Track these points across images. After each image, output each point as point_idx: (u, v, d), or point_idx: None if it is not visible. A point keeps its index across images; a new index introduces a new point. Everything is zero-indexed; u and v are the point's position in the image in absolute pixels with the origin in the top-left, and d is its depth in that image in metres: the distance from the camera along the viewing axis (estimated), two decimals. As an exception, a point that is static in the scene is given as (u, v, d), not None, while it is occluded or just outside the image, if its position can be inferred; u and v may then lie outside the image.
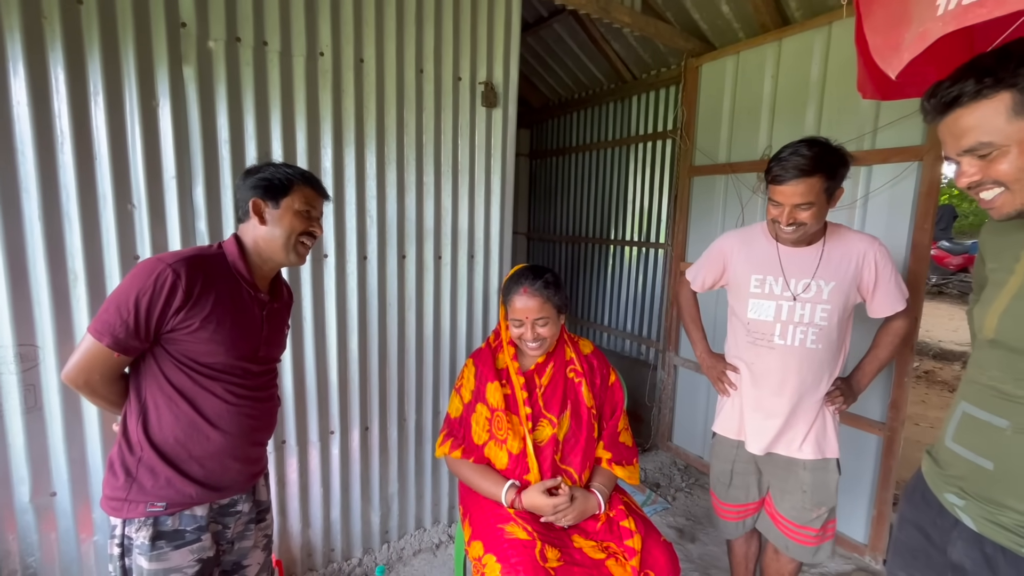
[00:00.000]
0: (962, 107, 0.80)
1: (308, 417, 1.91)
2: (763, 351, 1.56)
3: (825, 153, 1.35)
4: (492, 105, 2.14)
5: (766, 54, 2.56)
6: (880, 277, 1.47)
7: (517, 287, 1.46)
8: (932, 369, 5.37)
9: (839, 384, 1.55)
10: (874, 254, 1.46)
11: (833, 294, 1.47)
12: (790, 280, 1.51)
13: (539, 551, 1.27)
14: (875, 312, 1.53)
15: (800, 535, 1.57)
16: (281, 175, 1.16)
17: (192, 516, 1.13)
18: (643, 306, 3.63)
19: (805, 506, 1.54)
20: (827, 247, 1.49)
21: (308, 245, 1.21)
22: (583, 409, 1.50)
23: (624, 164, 3.73)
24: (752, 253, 1.59)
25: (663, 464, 3.10)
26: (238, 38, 1.63)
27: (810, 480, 1.54)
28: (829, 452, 1.54)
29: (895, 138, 2.09)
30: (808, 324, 1.49)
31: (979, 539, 0.91)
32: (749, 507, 1.68)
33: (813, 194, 1.36)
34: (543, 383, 1.51)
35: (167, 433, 1.11)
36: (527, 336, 1.46)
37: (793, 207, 1.39)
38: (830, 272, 1.47)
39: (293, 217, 1.16)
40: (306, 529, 1.96)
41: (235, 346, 1.14)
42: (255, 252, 1.18)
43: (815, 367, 1.51)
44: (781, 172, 1.37)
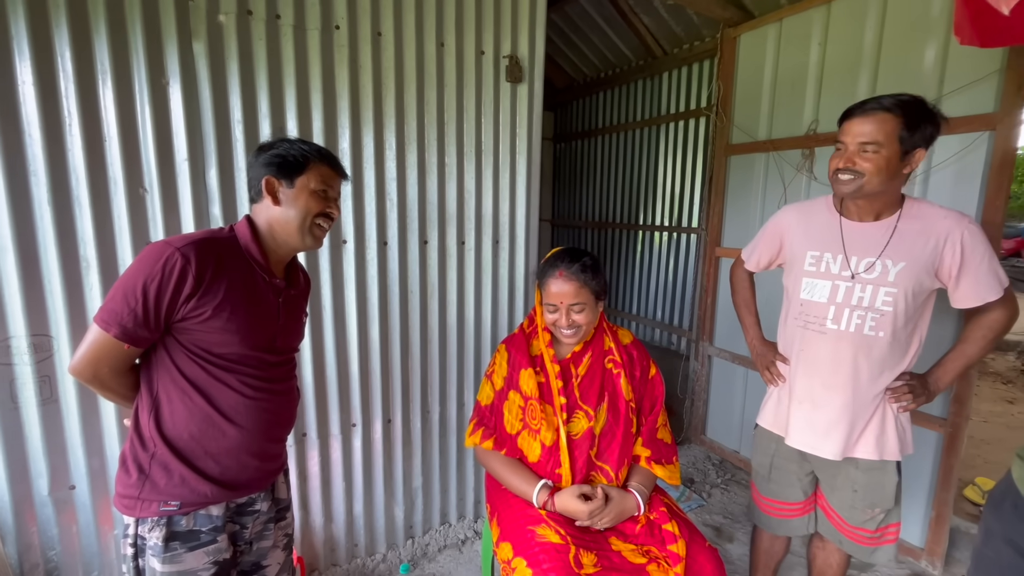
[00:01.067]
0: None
1: (329, 409, 1.84)
2: (813, 336, 1.40)
3: (913, 101, 1.20)
4: (517, 80, 2.01)
5: (813, 19, 2.36)
6: (967, 261, 1.25)
7: (552, 270, 1.36)
8: (984, 360, 5.06)
9: (908, 379, 1.36)
10: (961, 234, 1.24)
11: (901, 276, 1.28)
12: (851, 257, 1.34)
13: (573, 556, 1.17)
14: (959, 302, 1.31)
15: (854, 534, 1.45)
16: (296, 151, 1.07)
17: (207, 516, 1.06)
18: (675, 294, 3.47)
19: (855, 505, 1.41)
20: (902, 222, 1.30)
21: (325, 228, 1.12)
22: (621, 402, 1.39)
23: (654, 145, 3.55)
24: (811, 227, 1.43)
25: (697, 459, 2.97)
26: (249, 11, 1.54)
27: (863, 480, 1.40)
28: (889, 455, 1.38)
29: (963, 106, 1.89)
30: (868, 308, 1.32)
31: None
32: (788, 507, 1.56)
33: (883, 133, 1.19)
34: (580, 373, 1.41)
35: (181, 428, 1.04)
36: (562, 322, 1.36)
37: (858, 147, 1.22)
38: (902, 251, 1.29)
39: (309, 197, 1.07)
40: (329, 524, 1.90)
41: (250, 335, 1.06)
42: (269, 235, 1.09)
43: (874, 357, 1.34)
44: (854, 107, 1.24)
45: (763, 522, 1.64)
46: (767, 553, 1.68)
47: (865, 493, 1.40)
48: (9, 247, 1.31)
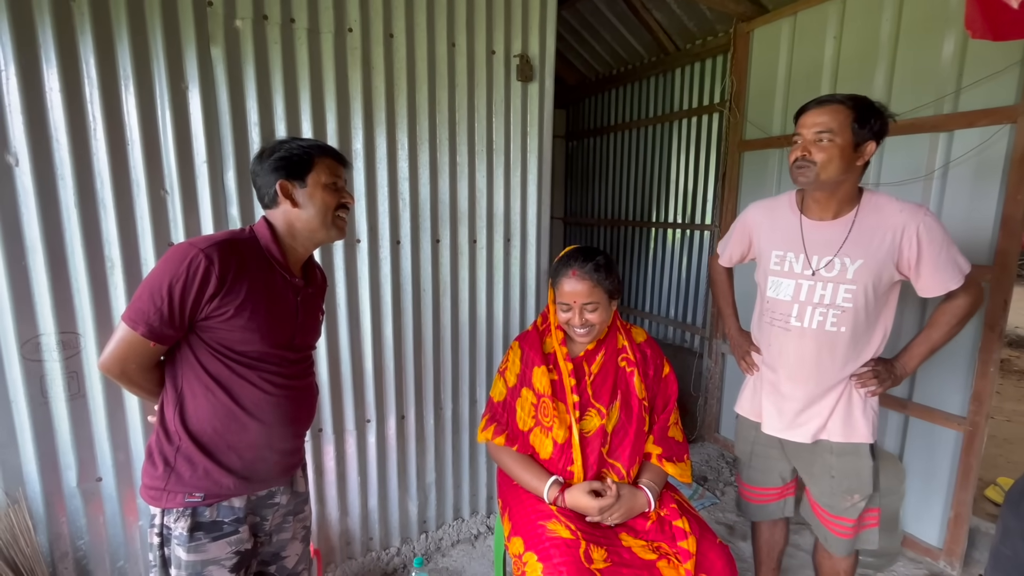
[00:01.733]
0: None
1: (344, 405, 1.88)
2: (779, 332, 1.44)
3: (862, 97, 1.27)
4: (528, 79, 2.02)
5: (828, 13, 2.33)
6: (925, 253, 1.27)
7: (566, 269, 1.37)
8: (1007, 357, 4.95)
9: (874, 364, 1.40)
10: (916, 227, 1.27)
11: (860, 272, 1.31)
12: (811, 256, 1.37)
13: (584, 551, 1.19)
14: (924, 291, 1.33)
15: (836, 526, 1.47)
16: (298, 150, 1.09)
17: (230, 508, 1.10)
18: (688, 291, 3.46)
19: (835, 492, 1.43)
20: (859, 220, 1.33)
21: (343, 218, 1.15)
22: (634, 400, 1.40)
23: (667, 142, 3.53)
24: (775, 226, 1.48)
25: (710, 456, 2.96)
26: (265, 16, 1.57)
27: (837, 465, 1.43)
28: (857, 437, 1.41)
29: (983, 99, 1.85)
30: (829, 305, 1.35)
31: None
32: (769, 492, 1.61)
33: (836, 122, 1.24)
34: (593, 371, 1.42)
35: (205, 423, 1.07)
36: (575, 321, 1.37)
37: (813, 137, 1.27)
38: (858, 249, 1.32)
39: (324, 192, 1.10)
40: (344, 518, 1.94)
41: (271, 333, 1.09)
42: (288, 235, 1.12)
43: (837, 352, 1.37)
44: (809, 102, 1.31)
45: (750, 512, 1.68)
46: (768, 544, 1.70)
47: (842, 478, 1.43)
48: (39, 248, 1.36)
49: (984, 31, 0.96)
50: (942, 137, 1.97)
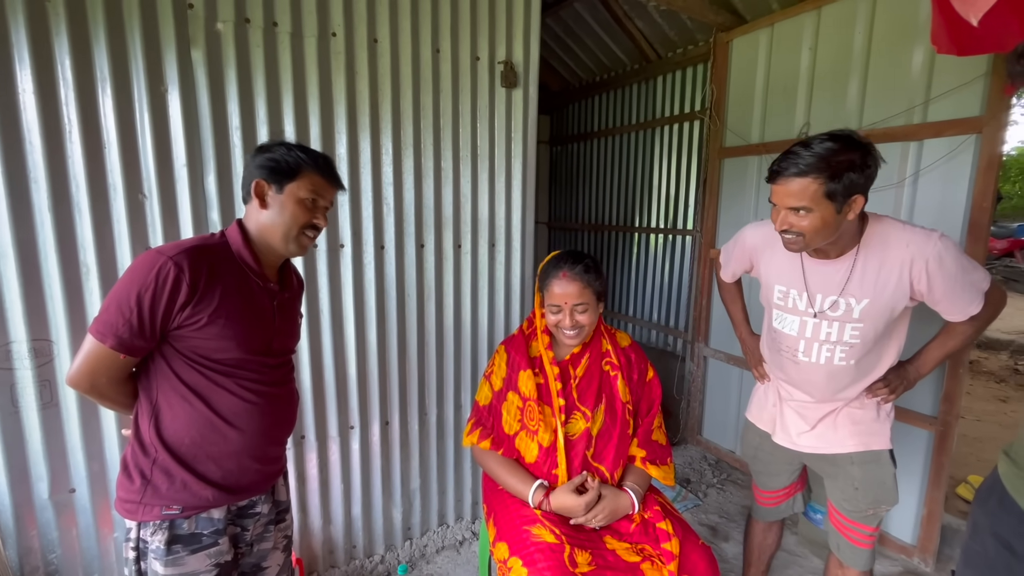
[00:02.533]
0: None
1: (327, 412, 1.86)
2: (787, 362, 1.44)
3: (834, 151, 1.11)
4: (512, 85, 2.04)
5: (804, 24, 2.39)
6: (936, 286, 1.20)
7: (556, 271, 1.38)
8: (977, 359, 5.10)
9: (888, 374, 1.38)
10: (925, 261, 1.18)
11: (866, 312, 1.26)
12: (815, 296, 1.32)
13: (568, 555, 1.19)
14: (947, 317, 1.29)
15: (854, 532, 1.45)
16: (292, 158, 1.08)
17: (209, 519, 1.08)
18: (670, 295, 3.50)
19: (859, 502, 1.41)
20: (860, 257, 1.25)
21: (311, 237, 1.12)
22: (618, 404, 1.42)
23: (649, 148, 3.58)
24: (775, 259, 1.41)
25: (693, 459, 2.99)
26: (247, 19, 1.56)
27: (860, 475, 1.40)
28: (876, 444, 1.39)
29: (950, 109, 1.92)
30: (836, 343, 1.32)
31: None
32: (777, 494, 1.63)
33: (807, 198, 1.13)
34: (578, 374, 1.43)
35: (182, 434, 1.05)
36: (565, 323, 1.38)
37: (787, 211, 1.18)
38: (864, 288, 1.25)
39: (296, 205, 1.07)
40: (327, 526, 1.92)
41: (247, 340, 1.07)
42: (260, 239, 1.10)
43: (848, 378, 1.37)
44: (775, 167, 1.18)
45: (760, 513, 1.69)
46: (760, 547, 1.71)
47: (866, 489, 1.39)
48: (10, 253, 1.32)
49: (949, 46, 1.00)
50: (912, 146, 2.04)
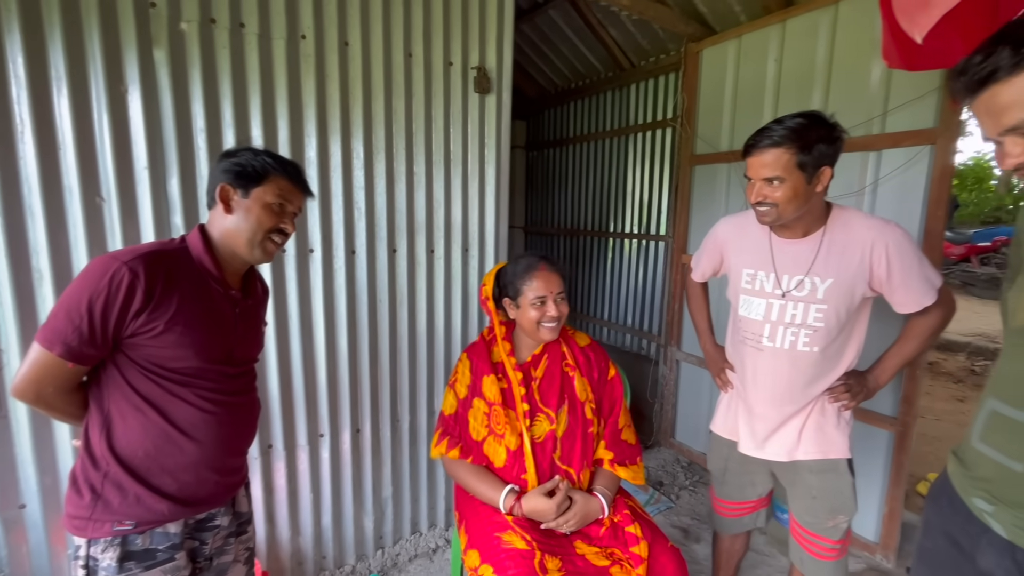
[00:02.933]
0: (999, 82, 0.71)
1: (296, 420, 1.82)
2: (751, 351, 1.44)
3: (804, 125, 1.20)
4: (485, 91, 2.04)
5: (769, 36, 2.46)
6: (896, 272, 1.26)
7: (533, 266, 1.42)
8: (936, 360, 5.30)
9: (846, 378, 1.40)
10: (885, 245, 1.26)
11: (830, 292, 1.30)
12: (782, 276, 1.36)
13: (538, 561, 1.19)
14: (900, 308, 1.33)
15: (816, 546, 1.45)
16: (259, 163, 1.06)
17: (165, 534, 1.04)
18: (644, 300, 3.54)
19: (817, 512, 1.42)
20: (827, 238, 1.32)
21: (278, 243, 1.10)
22: (579, 405, 1.44)
23: (623, 154, 3.63)
24: (746, 243, 1.46)
25: (666, 461, 3.03)
26: (213, 19, 1.53)
27: (817, 484, 1.41)
28: (834, 452, 1.40)
29: (906, 121, 2.00)
30: (800, 325, 1.34)
31: (1010, 547, 0.83)
32: (745, 506, 1.62)
33: (780, 167, 1.21)
34: (538, 375, 1.45)
35: (135, 446, 1.01)
36: (552, 312, 1.40)
37: (762, 182, 1.25)
38: (828, 268, 1.31)
39: (262, 210, 1.05)
40: (296, 537, 1.87)
41: (206, 348, 1.05)
42: (223, 245, 1.08)
43: (810, 370, 1.37)
44: (751, 142, 1.27)
45: (723, 526, 1.68)
46: (727, 552, 1.72)
47: (823, 498, 1.41)
48: (-45, 258, 1.26)
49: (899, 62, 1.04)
50: (872, 156, 2.12)
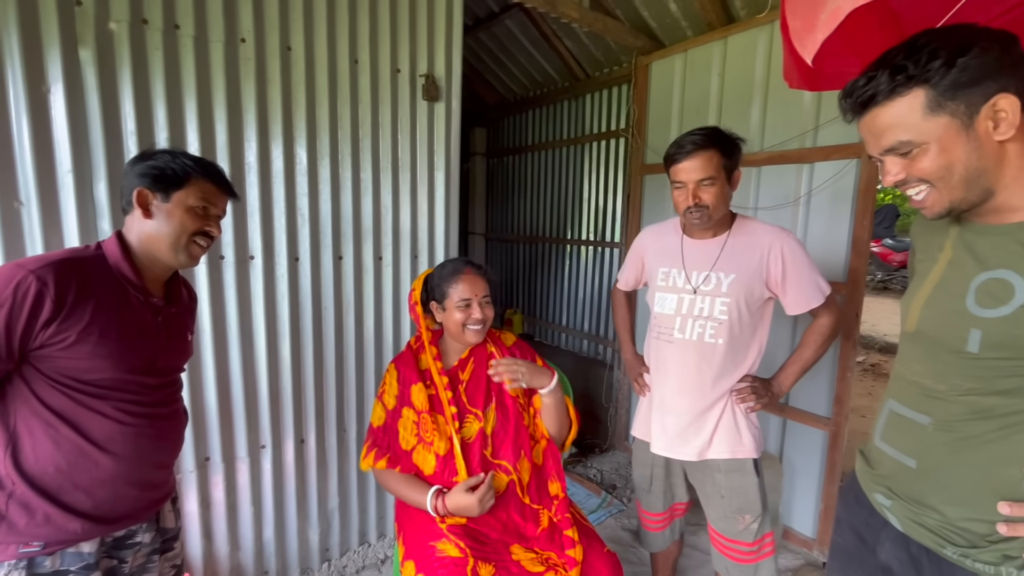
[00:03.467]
0: (878, 105, 0.77)
1: (235, 431, 1.77)
2: (664, 345, 1.53)
3: (717, 131, 1.38)
4: (434, 99, 2.05)
5: (713, 52, 2.56)
6: (789, 271, 1.40)
7: (459, 270, 1.45)
8: (878, 362, 5.57)
9: (751, 381, 1.49)
10: (780, 247, 1.40)
11: (733, 287, 1.42)
12: (691, 273, 1.49)
13: (471, 568, 1.20)
14: (790, 309, 1.45)
15: (733, 551, 1.52)
16: (177, 165, 1.04)
17: (77, 554, 1.00)
18: (599, 306, 3.60)
19: (727, 513, 1.50)
20: (731, 238, 1.46)
21: (203, 246, 1.08)
22: (508, 399, 1.46)
23: (579, 163, 3.70)
24: (662, 246, 1.59)
25: (620, 464, 3.08)
26: (144, 20, 1.49)
27: (725, 483, 1.49)
28: (742, 452, 1.48)
29: (836, 135, 2.11)
30: (707, 318, 1.45)
31: (905, 540, 0.89)
32: (665, 516, 1.67)
33: (712, 168, 1.35)
34: (465, 378, 1.47)
35: (45, 463, 0.97)
36: (477, 315, 1.42)
37: (696, 185, 1.37)
38: (731, 264, 1.44)
39: (184, 214, 1.03)
40: (235, 552, 1.82)
41: (125, 358, 1.01)
42: (142, 251, 1.05)
43: (715, 362, 1.46)
44: (677, 150, 1.38)
45: (653, 543, 1.72)
46: (663, 555, 1.77)
47: (731, 497, 1.49)
48: None
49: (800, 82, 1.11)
50: (805, 168, 2.23)
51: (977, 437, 0.79)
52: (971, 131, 0.72)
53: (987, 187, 0.76)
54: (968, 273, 0.80)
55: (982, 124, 0.72)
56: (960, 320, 0.79)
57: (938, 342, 0.84)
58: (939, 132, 0.73)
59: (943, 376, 0.83)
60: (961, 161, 0.74)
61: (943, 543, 0.82)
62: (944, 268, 0.85)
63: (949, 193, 0.77)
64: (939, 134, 0.73)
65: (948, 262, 0.85)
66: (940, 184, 0.76)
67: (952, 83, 0.71)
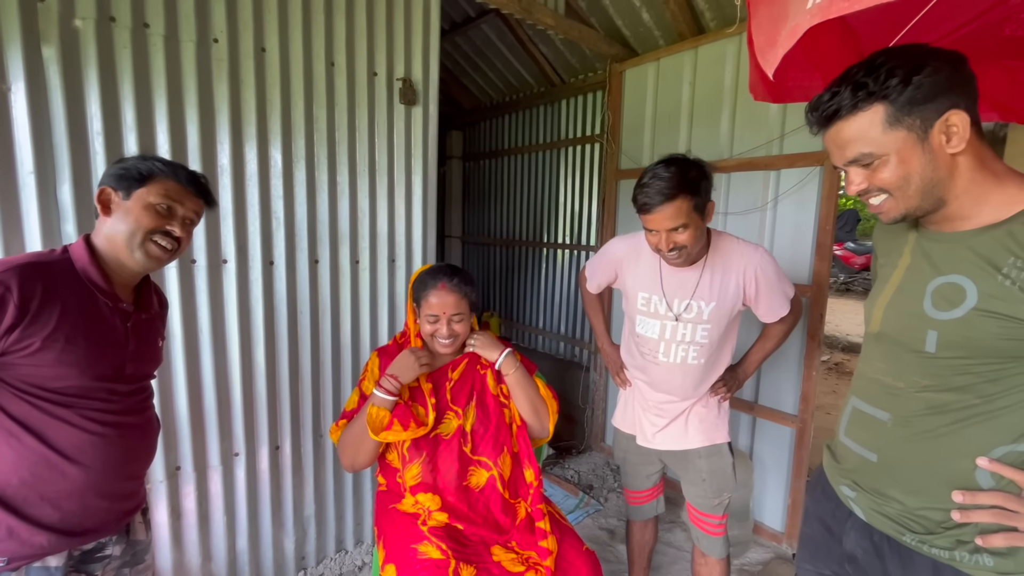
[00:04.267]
0: (841, 119, 0.81)
1: (207, 439, 1.73)
2: (649, 365, 1.60)
3: (684, 171, 1.30)
4: (411, 103, 2.05)
5: (684, 61, 2.64)
6: (761, 289, 1.47)
7: (434, 282, 1.42)
8: (842, 361, 5.79)
9: (724, 375, 1.61)
10: (755, 270, 1.45)
11: (713, 314, 1.48)
12: (672, 301, 1.51)
13: (453, 569, 1.20)
14: (764, 318, 1.56)
15: (707, 524, 1.64)
16: (144, 166, 1.02)
17: (44, 568, 0.96)
18: (575, 308, 3.65)
19: (707, 494, 1.61)
20: (708, 265, 1.47)
21: (163, 246, 1.03)
22: (488, 397, 1.48)
23: (555, 167, 3.74)
24: (639, 269, 1.58)
25: (596, 465, 3.12)
26: (112, 18, 1.45)
27: (707, 467, 1.60)
28: (719, 438, 1.61)
29: (800, 143, 2.20)
30: (690, 343, 1.52)
31: (868, 529, 0.94)
32: (643, 494, 1.77)
33: (683, 215, 1.30)
34: (454, 377, 1.48)
35: (8, 475, 0.93)
36: (442, 332, 1.42)
37: (668, 232, 1.33)
38: (711, 292, 1.47)
39: (142, 211, 1.00)
40: (207, 563, 1.77)
41: (92, 366, 0.98)
42: (108, 254, 1.02)
43: (697, 378, 1.56)
44: (646, 200, 1.31)
45: (634, 513, 1.83)
46: (639, 544, 1.84)
47: (711, 479, 1.60)
48: None
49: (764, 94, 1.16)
50: (772, 175, 2.31)
51: (932, 431, 0.85)
52: (926, 144, 0.77)
53: (940, 196, 0.81)
54: (925, 278, 0.86)
55: (936, 138, 0.77)
56: (918, 322, 0.85)
57: (899, 342, 0.89)
58: (897, 145, 0.78)
59: (902, 374, 0.88)
60: (917, 172, 0.79)
61: (902, 531, 0.87)
62: (903, 273, 0.91)
63: (905, 202, 0.82)
64: (897, 147, 0.78)
65: (907, 267, 0.91)
66: (898, 193, 0.81)
67: (908, 99, 0.76)
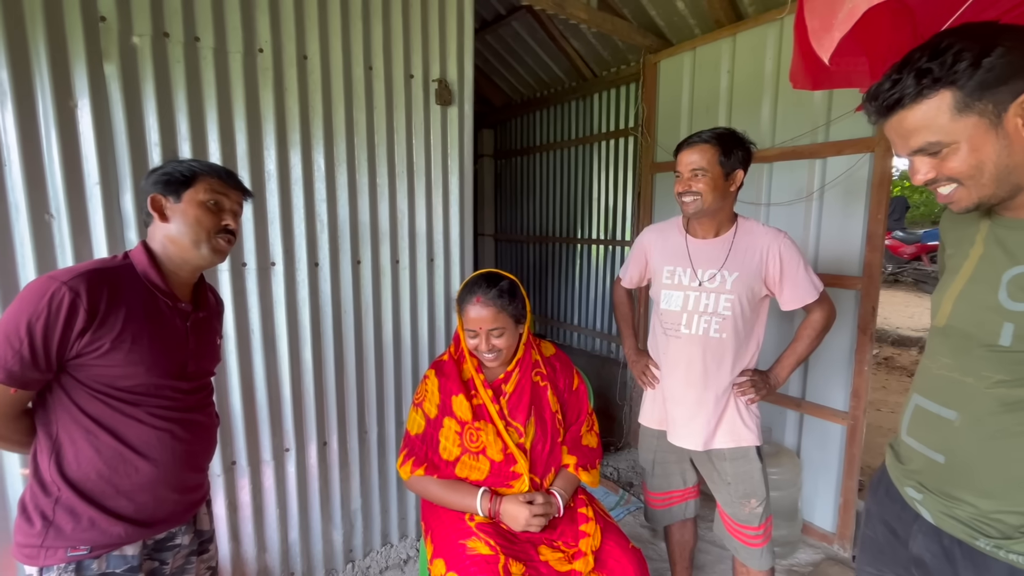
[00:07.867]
0: (905, 108, 0.78)
1: (260, 435, 1.80)
2: (671, 340, 1.59)
3: (724, 132, 1.46)
4: (447, 103, 2.07)
5: (721, 49, 2.57)
6: (786, 270, 1.48)
7: (471, 296, 1.41)
8: (891, 355, 5.54)
9: (750, 375, 1.55)
10: (778, 247, 1.48)
11: (736, 284, 1.49)
12: (698, 270, 1.55)
13: (502, 566, 1.22)
14: (785, 305, 1.52)
15: (743, 535, 1.58)
16: (184, 168, 1.06)
17: (122, 557, 1.03)
18: (611, 304, 3.61)
19: (733, 498, 1.56)
20: (736, 239, 1.53)
21: (226, 240, 1.09)
22: (547, 414, 1.47)
23: (588, 162, 3.71)
24: (666, 246, 1.65)
25: (636, 462, 3.09)
26: (166, 33, 1.52)
27: (731, 470, 1.56)
28: (745, 441, 1.55)
29: (848, 130, 2.12)
30: (712, 313, 1.52)
31: (937, 532, 0.90)
32: (672, 495, 1.72)
33: (706, 160, 1.43)
34: (508, 390, 1.46)
35: (87, 469, 1.00)
36: (482, 347, 1.41)
37: (690, 174, 1.45)
38: (736, 263, 1.50)
39: (198, 209, 1.04)
40: (262, 554, 1.85)
41: (157, 364, 1.04)
42: (167, 257, 1.07)
43: (718, 355, 1.53)
44: (682, 142, 1.50)
45: (649, 517, 1.78)
46: (679, 544, 1.81)
47: (736, 483, 1.55)
48: None
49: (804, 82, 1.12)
50: (818, 163, 2.23)
51: (1007, 429, 0.80)
52: (1000, 129, 0.73)
53: (1017, 183, 0.76)
54: (999, 267, 0.81)
55: (1011, 122, 0.72)
56: (992, 314, 0.80)
57: (970, 336, 0.84)
58: (968, 132, 0.74)
59: (972, 370, 0.84)
60: (991, 159, 0.74)
61: (975, 535, 0.83)
62: (976, 263, 0.86)
63: (979, 190, 0.77)
64: (968, 134, 0.74)
65: (980, 257, 0.86)
66: (970, 182, 0.77)
67: (979, 83, 0.71)
